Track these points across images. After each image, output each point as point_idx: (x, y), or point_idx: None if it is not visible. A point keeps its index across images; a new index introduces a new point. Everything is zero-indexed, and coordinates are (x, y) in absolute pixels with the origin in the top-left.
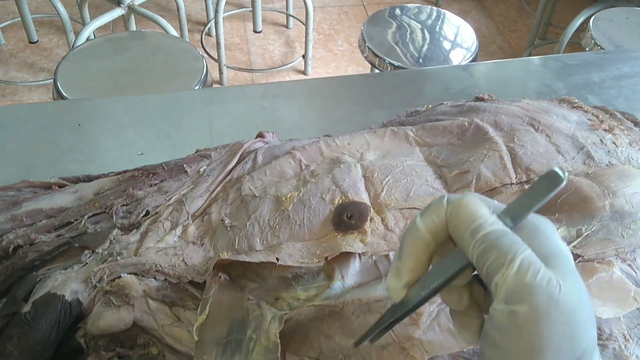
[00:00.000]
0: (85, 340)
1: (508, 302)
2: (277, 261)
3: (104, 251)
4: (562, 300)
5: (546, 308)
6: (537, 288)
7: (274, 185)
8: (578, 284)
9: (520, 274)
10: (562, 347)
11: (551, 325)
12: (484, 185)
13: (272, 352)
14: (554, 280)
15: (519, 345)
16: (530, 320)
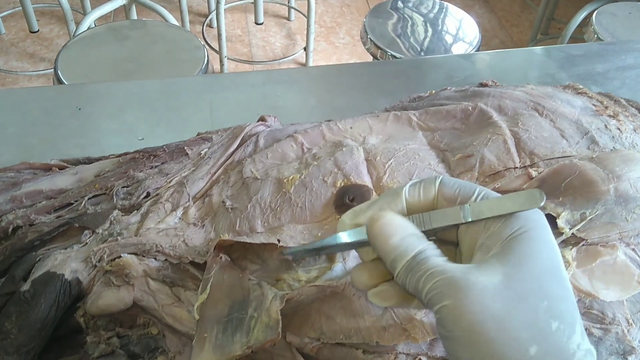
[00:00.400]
0: (85, 319)
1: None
2: (279, 243)
3: (104, 231)
4: (476, 284)
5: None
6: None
7: (275, 168)
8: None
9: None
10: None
11: (474, 309)
12: (487, 169)
13: (272, 328)
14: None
15: (459, 333)
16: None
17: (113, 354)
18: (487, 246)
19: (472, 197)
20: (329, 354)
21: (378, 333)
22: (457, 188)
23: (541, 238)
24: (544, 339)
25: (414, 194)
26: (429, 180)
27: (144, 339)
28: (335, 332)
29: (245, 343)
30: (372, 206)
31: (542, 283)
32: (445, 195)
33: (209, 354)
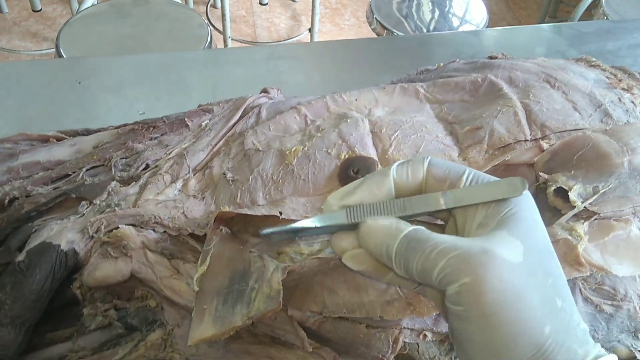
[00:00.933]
0: (82, 291)
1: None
2: (280, 215)
3: (101, 202)
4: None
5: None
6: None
7: (278, 140)
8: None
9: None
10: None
11: (498, 286)
12: (496, 141)
13: (273, 298)
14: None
15: (477, 312)
16: (471, 288)
17: (110, 327)
18: (486, 224)
19: (462, 178)
20: (332, 328)
21: (382, 307)
22: (446, 169)
23: (532, 217)
24: (555, 316)
25: (402, 174)
26: (417, 160)
27: (142, 312)
28: (338, 306)
29: (246, 314)
30: (360, 187)
31: (545, 260)
32: (435, 176)
33: (208, 326)
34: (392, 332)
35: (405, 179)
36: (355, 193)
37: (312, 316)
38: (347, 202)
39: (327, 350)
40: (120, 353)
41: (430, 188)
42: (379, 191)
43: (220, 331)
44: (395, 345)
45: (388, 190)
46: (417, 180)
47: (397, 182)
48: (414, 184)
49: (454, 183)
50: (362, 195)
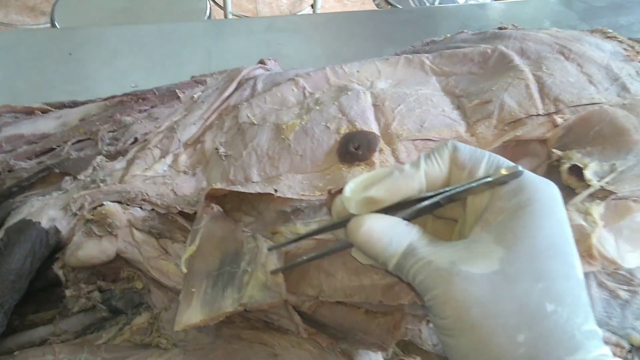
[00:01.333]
0: (64, 272)
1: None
2: (275, 193)
3: (86, 178)
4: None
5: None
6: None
7: (274, 113)
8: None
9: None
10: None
11: (459, 297)
12: (507, 116)
13: (271, 289)
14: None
15: (446, 321)
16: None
17: (94, 309)
18: (486, 220)
19: (481, 166)
20: (328, 313)
21: (382, 291)
22: (468, 155)
23: (547, 211)
24: (536, 323)
25: (432, 166)
26: (441, 147)
27: (128, 294)
28: (335, 290)
29: (238, 299)
30: (386, 180)
31: (540, 262)
32: (457, 163)
33: (196, 310)
34: (393, 317)
35: (434, 170)
36: (380, 186)
37: (307, 300)
38: (371, 193)
39: (323, 337)
40: (104, 337)
41: (453, 177)
42: (407, 187)
43: (209, 316)
44: (396, 331)
45: (419, 185)
46: (445, 170)
47: (428, 174)
48: (442, 175)
49: (473, 171)
50: (388, 189)
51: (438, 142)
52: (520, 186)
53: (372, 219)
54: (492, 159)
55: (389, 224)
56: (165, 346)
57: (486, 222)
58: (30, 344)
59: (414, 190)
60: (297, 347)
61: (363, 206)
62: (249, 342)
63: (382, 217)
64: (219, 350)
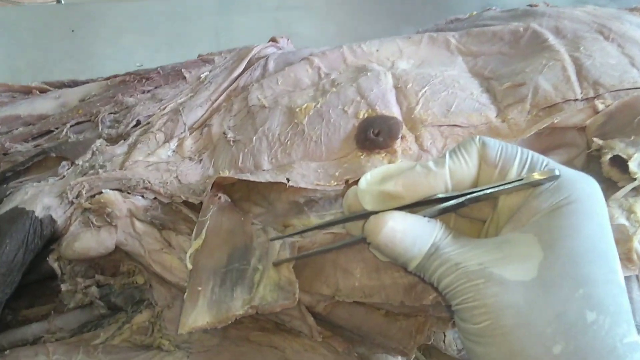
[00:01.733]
0: (60, 264)
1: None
2: (288, 182)
3: (84, 163)
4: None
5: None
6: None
7: (286, 95)
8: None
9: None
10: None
11: (490, 303)
12: (541, 100)
13: (284, 290)
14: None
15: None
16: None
17: (91, 306)
18: (519, 220)
19: (514, 164)
20: (345, 314)
21: (404, 291)
22: (498, 151)
23: (587, 210)
24: (574, 334)
25: (458, 163)
26: (468, 143)
27: (128, 290)
28: (353, 289)
29: (248, 300)
30: (407, 175)
31: (580, 266)
32: (486, 159)
33: (203, 311)
34: (416, 320)
35: (461, 168)
36: (399, 179)
37: (322, 300)
38: (387, 187)
39: (338, 340)
40: (101, 336)
41: (483, 176)
42: (429, 186)
43: (217, 319)
44: (418, 335)
45: (443, 184)
46: (473, 168)
47: (453, 172)
48: (469, 174)
49: (504, 169)
50: (408, 186)
51: (466, 128)
52: (558, 184)
53: (395, 218)
54: (525, 156)
55: (412, 223)
56: (168, 348)
57: (519, 222)
58: (23, 341)
59: (437, 189)
60: (311, 351)
61: (378, 202)
62: (258, 345)
63: (404, 215)
64: (226, 354)
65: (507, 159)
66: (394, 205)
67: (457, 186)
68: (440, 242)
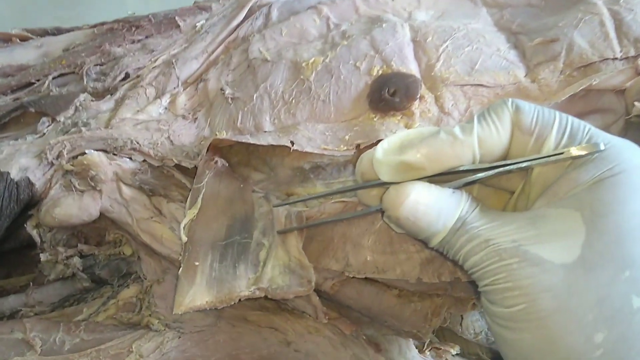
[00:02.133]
0: (39, 232)
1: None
2: (292, 146)
3: (66, 120)
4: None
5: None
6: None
7: (291, 48)
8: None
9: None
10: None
11: (526, 285)
12: (576, 59)
13: (296, 274)
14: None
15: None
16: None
17: (73, 278)
18: (555, 193)
19: (553, 129)
20: (354, 294)
21: (421, 266)
22: (534, 116)
23: (635, 183)
24: (618, 321)
25: (488, 129)
26: (499, 106)
27: (114, 261)
28: (364, 263)
29: (254, 280)
30: (430, 143)
31: (626, 245)
32: (521, 126)
33: (201, 289)
34: (432, 302)
35: (491, 135)
36: (420, 148)
37: (330, 277)
38: (407, 157)
39: (345, 322)
40: (85, 312)
41: (516, 145)
42: (455, 156)
43: (217, 298)
44: (434, 318)
45: (471, 154)
46: (505, 136)
47: (483, 141)
48: (501, 143)
49: (541, 137)
50: (431, 155)
51: (492, 88)
52: (602, 153)
53: (418, 189)
54: (564, 122)
55: (437, 194)
56: (157, 327)
57: (555, 195)
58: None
59: (463, 160)
60: (315, 334)
61: (397, 173)
62: (257, 326)
63: (428, 186)
64: (221, 335)
65: (544, 125)
66: (414, 177)
67: (486, 156)
68: (467, 215)
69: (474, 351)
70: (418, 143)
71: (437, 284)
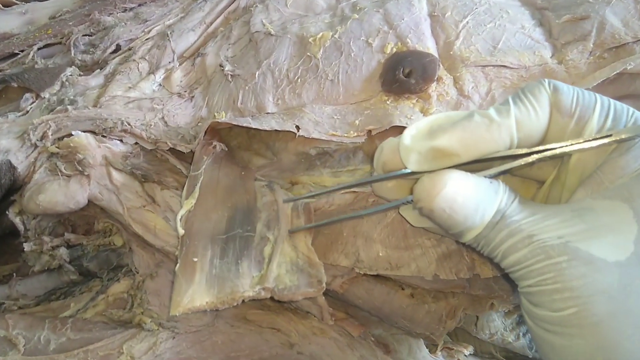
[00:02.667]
0: (22, 219)
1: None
2: (297, 131)
3: (51, 96)
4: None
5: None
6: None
7: (297, 21)
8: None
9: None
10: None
11: (578, 286)
12: (608, 39)
13: (305, 272)
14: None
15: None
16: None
17: (60, 270)
18: (599, 182)
19: (595, 112)
20: (363, 293)
21: (437, 262)
22: (573, 98)
23: None
24: None
25: (526, 111)
26: (536, 87)
27: (103, 252)
28: (376, 259)
29: (259, 279)
30: (463, 127)
31: None
32: (560, 108)
33: (201, 288)
34: (447, 303)
35: (529, 118)
36: (453, 133)
37: (339, 275)
38: (439, 142)
39: (353, 323)
40: (72, 307)
41: (555, 128)
42: (492, 140)
43: (219, 299)
44: (449, 321)
45: (509, 137)
46: (544, 118)
47: (520, 124)
48: (539, 126)
49: (582, 120)
50: (465, 140)
51: (516, 70)
52: None
53: (456, 178)
54: (606, 105)
55: (475, 185)
56: (150, 327)
57: (599, 185)
58: None
59: (500, 144)
60: (320, 335)
61: (427, 161)
62: (258, 326)
63: (465, 175)
64: (219, 335)
65: (585, 107)
66: (446, 164)
67: (524, 140)
68: (507, 208)
69: (487, 350)
70: (450, 127)
71: (454, 281)
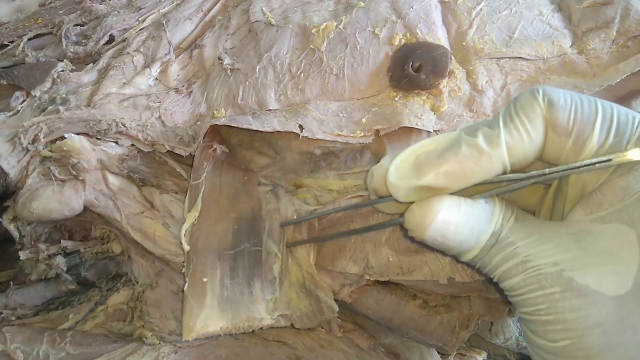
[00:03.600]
0: (17, 225)
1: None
2: (301, 131)
3: (42, 95)
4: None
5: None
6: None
7: (299, 10)
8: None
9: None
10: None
11: (573, 318)
12: (632, 26)
13: (312, 295)
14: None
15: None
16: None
17: (57, 279)
18: (598, 203)
19: (595, 127)
20: (372, 303)
21: (451, 265)
22: (571, 110)
23: None
24: None
25: (517, 134)
26: (528, 102)
27: (101, 260)
28: (387, 264)
29: (273, 304)
30: (449, 159)
31: None
32: (556, 126)
33: (213, 313)
34: (460, 313)
35: (522, 142)
36: (441, 167)
37: (348, 283)
38: (425, 182)
39: (362, 335)
40: (71, 319)
41: (551, 147)
42: (482, 171)
43: (234, 324)
44: (462, 331)
45: (501, 166)
46: (538, 139)
47: (512, 149)
48: (532, 147)
49: (581, 139)
50: (453, 175)
51: (533, 61)
52: None
53: (447, 207)
54: (607, 116)
55: (467, 210)
56: (151, 341)
57: (598, 205)
58: None
59: (492, 173)
60: (327, 348)
61: (416, 193)
62: (263, 339)
63: (457, 201)
64: (223, 349)
65: (584, 122)
66: (437, 194)
67: (518, 164)
68: (502, 229)
69: (500, 352)
70: (436, 160)
71: (470, 284)
